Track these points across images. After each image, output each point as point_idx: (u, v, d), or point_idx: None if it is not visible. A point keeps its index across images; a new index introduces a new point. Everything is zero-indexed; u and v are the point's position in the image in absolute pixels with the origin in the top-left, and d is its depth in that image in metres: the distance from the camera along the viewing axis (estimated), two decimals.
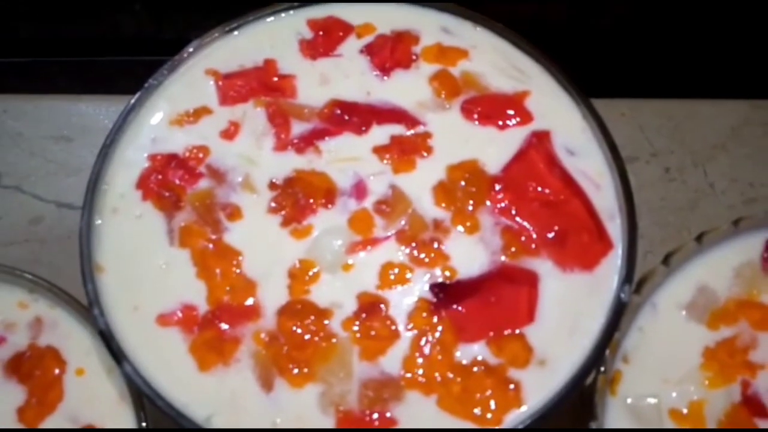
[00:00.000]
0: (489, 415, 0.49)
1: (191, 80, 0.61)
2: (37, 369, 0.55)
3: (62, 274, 0.57)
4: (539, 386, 0.50)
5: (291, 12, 0.63)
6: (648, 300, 0.54)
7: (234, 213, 0.56)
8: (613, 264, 0.53)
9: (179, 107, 0.60)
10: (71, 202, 0.77)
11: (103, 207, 0.56)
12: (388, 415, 0.49)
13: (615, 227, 0.55)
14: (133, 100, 0.59)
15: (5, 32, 0.87)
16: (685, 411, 0.51)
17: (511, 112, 0.59)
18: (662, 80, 0.84)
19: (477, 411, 0.49)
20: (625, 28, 0.85)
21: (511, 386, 0.50)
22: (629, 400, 0.52)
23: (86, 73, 0.86)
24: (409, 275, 0.53)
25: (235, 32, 0.62)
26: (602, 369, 0.51)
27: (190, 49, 0.61)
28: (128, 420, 0.52)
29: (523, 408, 0.49)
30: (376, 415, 0.49)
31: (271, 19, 0.63)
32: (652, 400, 0.51)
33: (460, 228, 0.55)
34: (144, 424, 0.51)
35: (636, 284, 0.54)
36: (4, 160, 0.82)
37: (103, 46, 0.84)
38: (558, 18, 0.83)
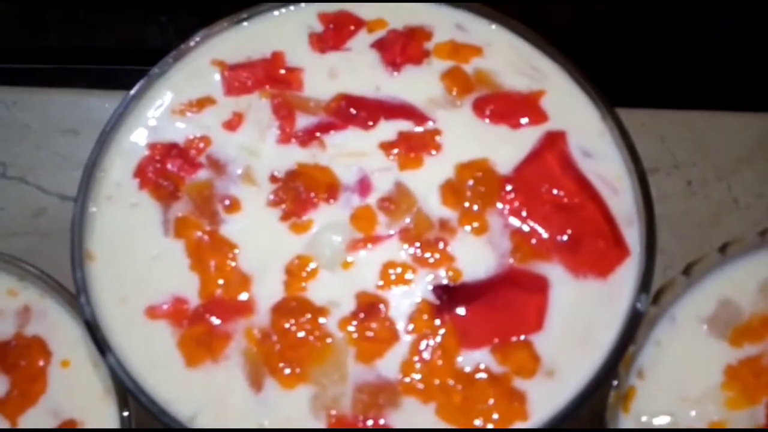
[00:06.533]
0: (491, 426, 0.46)
1: (196, 70, 0.59)
2: (23, 359, 0.53)
3: (61, 268, 0.55)
4: (546, 398, 0.46)
5: (302, 5, 0.62)
6: (666, 312, 0.51)
7: (232, 205, 0.54)
8: (629, 272, 0.50)
9: (183, 97, 0.58)
10: (74, 195, 0.76)
11: (98, 194, 0.54)
12: (382, 421, 0.46)
13: (632, 234, 0.52)
14: (136, 88, 0.58)
15: (34, 40, 0.88)
16: None
17: (524, 111, 0.56)
18: (684, 91, 0.81)
19: (478, 422, 0.46)
20: (646, 37, 0.83)
21: (516, 397, 0.46)
22: (643, 418, 0.48)
23: (108, 81, 0.86)
24: (411, 275, 0.51)
25: (245, 23, 0.61)
26: (615, 384, 0.48)
27: (197, 39, 0.60)
28: (111, 416, 0.50)
29: (529, 421, 0.46)
30: (370, 422, 0.46)
31: (281, 11, 0.61)
32: (667, 419, 0.48)
33: (468, 228, 0.52)
34: (126, 414, 0.48)
35: (654, 295, 0.51)
36: (9, 152, 0.81)
37: (127, 56, 0.84)
38: (577, 25, 0.81)
